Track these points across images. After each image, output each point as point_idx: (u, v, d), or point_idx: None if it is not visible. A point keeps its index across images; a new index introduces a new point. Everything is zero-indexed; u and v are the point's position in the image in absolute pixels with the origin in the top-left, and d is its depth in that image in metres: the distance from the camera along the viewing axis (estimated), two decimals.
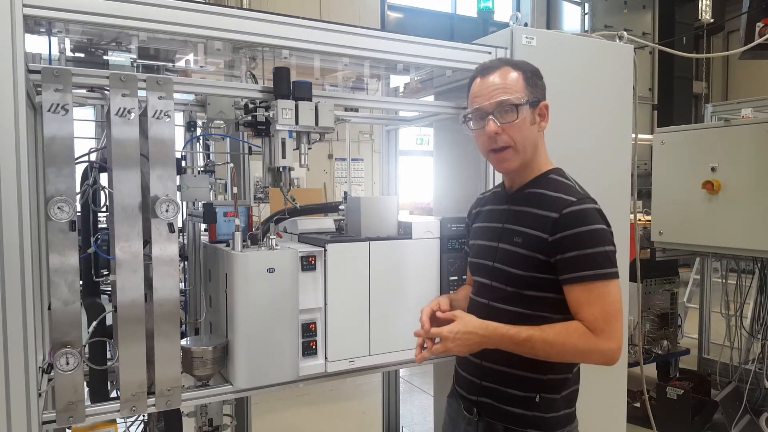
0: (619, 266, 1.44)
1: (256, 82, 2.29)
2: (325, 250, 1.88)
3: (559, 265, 1.40)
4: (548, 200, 1.46)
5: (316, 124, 1.86)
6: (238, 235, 1.80)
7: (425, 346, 1.46)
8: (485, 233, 1.62)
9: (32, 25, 1.62)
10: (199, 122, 2.47)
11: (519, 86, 1.48)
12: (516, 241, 1.48)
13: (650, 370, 4.30)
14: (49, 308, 1.64)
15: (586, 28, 8.79)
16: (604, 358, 1.38)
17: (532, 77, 1.51)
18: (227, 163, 2.50)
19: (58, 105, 1.49)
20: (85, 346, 1.72)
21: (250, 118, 1.88)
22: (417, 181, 8.45)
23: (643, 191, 4.89)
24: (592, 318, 1.36)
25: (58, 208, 1.48)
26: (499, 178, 2.14)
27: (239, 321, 1.77)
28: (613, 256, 1.40)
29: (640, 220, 4.36)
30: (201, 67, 2.25)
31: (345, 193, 2.50)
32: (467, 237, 1.79)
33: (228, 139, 2.56)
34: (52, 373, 1.57)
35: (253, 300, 1.76)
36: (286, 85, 1.84)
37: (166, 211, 1.62)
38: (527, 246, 1.45)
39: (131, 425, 2.29)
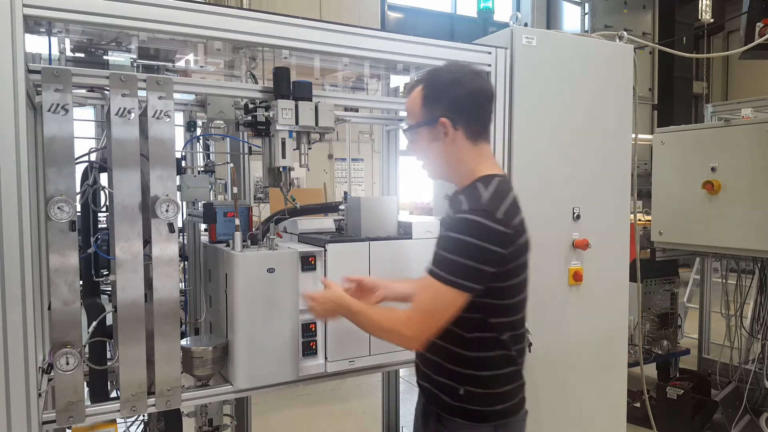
0: (619, 267, 1.44)
1: (256, 82, 2.29)
2: (325, 250, 1.88)
3: None
4: (458, 204, 1.50)
5: (316, 124, 1.86)
6: (238, 235, 1.80)
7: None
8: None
9: (32, 25, 1.62)
10: (199, 122, 2.47)
11: (417, 110, 1.55)
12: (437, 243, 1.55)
13: (650, 370, 4.30)
14: (49, 308, 1.64)
15: (586, 28, 8.79)
16: (400, 339, 1.50)
17: (430, 96, 1.51)
18: (227, 163, 2.50)
19: (58, 105, 1.49)
20: (85, 346, 1.72)
21: (250, 118, 1.88)
22: (417, 181, 8.45)
23: (643, 191, 4.89)
24: (413, 307, 1.47)
25: (58, 208, 1.48)
26: None
27: (239, 321, 1.77)
28: (464, 268, 1.38)
29: (640, 220, 4.36)
30: (201, 67, 2.25)
31: (345, 193, 2.49)
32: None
33: (228, 139, 2.56)
34: (52, 373, 1.57)
35: (253, 300, 1.76)
36: (286, 85, 1.84)
37: (166, 211, 1.62)
38: (436, 246, 1.52)
39: (131, 425, 2.29)
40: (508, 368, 1.55)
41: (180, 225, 1.94)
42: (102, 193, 1.88)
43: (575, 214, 2.28)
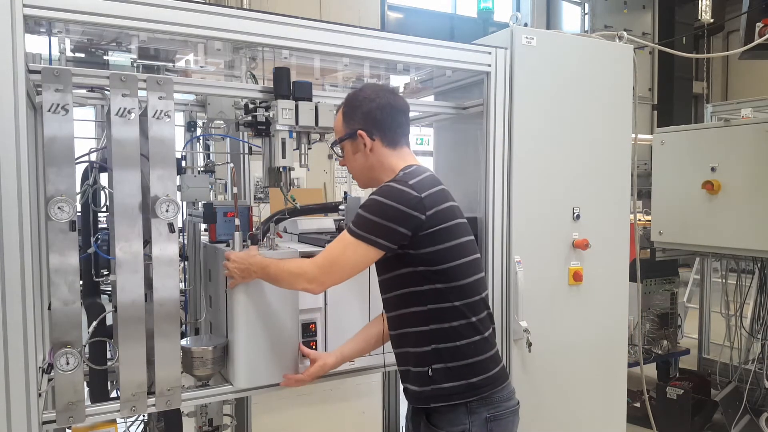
0: (619, 267, 1.44)
1: (256, 82, 2.30)
2: None
3: None
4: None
5: (316, 124, 1.86)
6: (238, 235, 1.80)
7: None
8: None
9: (32, 25, 1.63)
10: (199, 122, 2.47)
11: (338, 126, 1.74)
12: None
13: (650, 370, 4.30)
14: (49, 308, 1.64)
15: (585, 28, 8.79)
16: (304, 281, 1.60)
17: (347, 113, 1.70)
18: (227, 163, 2.50)
19: (58, 105, 1.49)
20: (85, 346, 1.72)
21: (250, 118, 1.88)
22: None
23: (643, 191, 4.89)
24: (322, 255, 1.61)
25: (59, 208, 1.48)
26: (497, 179, 2.14)
27: (239, 321, 1.77)
28: (376, 226, 1.53)
29: (640, 220, 4.36)
30: (201, 67, 2.25)
31: (345, 193, 2.50)
32: None
33: (228, 139, 2.56)
34: (52, 373, 1.57)
35: (253, 300, 1.76)
36: (286, 85, 1.84)
37: (166, 211, 1.62)
38: None
39: (131, 425, 2.29)
40: (472, 337, 1.58)
41: (180, 225, 1.94)
42: (102, 193, 1.88)
43: (575, 214, 2.28)
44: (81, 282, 1.65)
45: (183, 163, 2.12)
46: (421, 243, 1.54)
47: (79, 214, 1.77)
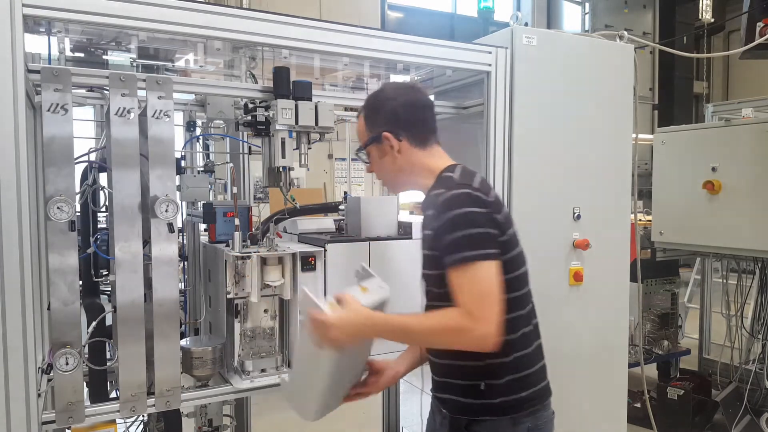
0: (619, 267, 1.43)
1: (256, 82, 2.29)
2: (325, 250, 1.88)
3: (442, 255, 1.43)
4: (432, 198, 1.50)
5: (316, 123, 1.86)
6: (238, 235, 1.80)
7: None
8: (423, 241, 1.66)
9: (32, 24, 1.62)
10: (199, 122, 2.47)
11: (361, 131, 1.64)
12: (426, 244, 1.54)
13: (651, 370, 4.30)
14: (48, 308, 1.63)
15: (586, 28, 8.78)
16: (475, 341, 1.36)
17: (369, 116, 1.61)
18: (227, 162, 2.50)
19: (57, 105, 1.49)
20: (84, 346, 1.72)
21: (249, 117, 1.88)
22: None
23: (643, 191, 4.88)
24: (465, 301, 1.36)
25: (58, 208, 1.48)
26: (498, 179, 2.14)
27: (325, 370, 1.63)
28: (478, 237, 1.38)
29: (640, 220, 4.36)
30: (201, 66, 2.25)
31: (345, 193, 2.50)
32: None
33: (228, 138, 2.56)
34: (51, 374, 1.57)
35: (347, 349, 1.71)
36: (286, 85, 1.84)
37: (166, 211, 1.62)
38: (428, 246, 1.51)
39: (131, 425, 2.29)
40: (524, 351, 1.51)
41: (179, 225, 1.93)
42: (101, 193, 1.88)
43: (575, 214, 2.27)
44: (80, 282, 1.65)
45: (182, 163, 2.12)
46: (501, 246, 1.43)
47: (79, 214, 1.77)
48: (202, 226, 2.28)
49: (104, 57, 2.12)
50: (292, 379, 1.60)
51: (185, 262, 2.32)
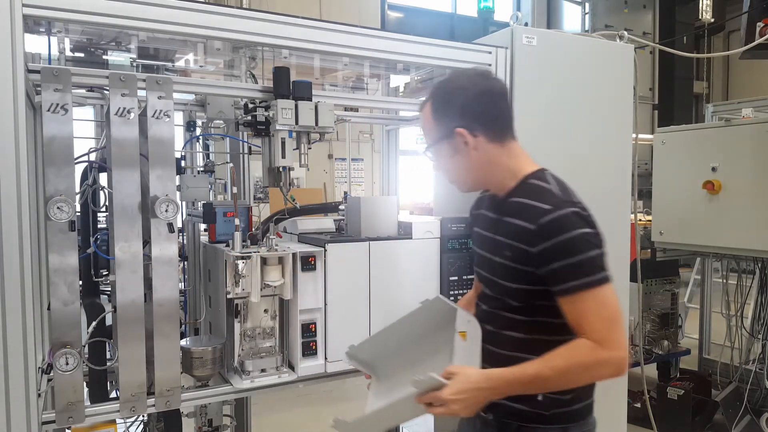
0: (619, 267, 1.42)
1: (256, 82, 2.29)
2: (325, 250, 1.88)
3: (547, 277, 1.35)
4: (526, 209, 1.40)
5: (316, 123, 1.86)
6: (238, 235, 1.80)
7: None
8: (482, 242, 1.57)
9: (32, 24, 1.62)
10: (199, 122, 2.47)
11: (430, 127, 1.48)
12: (506, 254, 1.44)
13: (651, 370, 4.29)
14: (48, 308, 1.63)
15: (586, 28, 8.78)
16: (612, 369, 1.31)
17: (439, 109, 1.45)
18: (227, 162, 2.50)
19: (57, 105, 1.49)
20: (84, 346, 1.72)
21: (249, 117, 1.88)
22: (417, 181, 8.44)
23: (643, 191, 4.88)
24: (595, 329, 1.30)
25: (58, 208, 1.48)
26: None
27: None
28: (600, 259, 1.34)
29: (640, 220, 4.35)
30: (201, 66, 2.25)
31: (345, 193, 2.50)
32: (471, 237, 1.73)
33: (228, 138, 2.56)
34: (51, 374, 1.57)
35: None
36: (286, 85, 1.84)
37: (166, 211, 1.62)
38: (515, 259, 1.41)
39: (131, 425, 2.29)
40: None
41: (179, 225, 1.93)
42: (101, 193, 1.88)
43: None
44: (80, 282, 1.65)
45: (182, 163, 2.12)
46: None
47: (79, 214, 1.77)
48: (202, 226, 2.28)
49: (104, 57, 2.12)
50: (361, 423, 1.54)
51: (185, 262, 2.32)
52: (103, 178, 1.87)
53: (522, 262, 1.39)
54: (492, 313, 1.51)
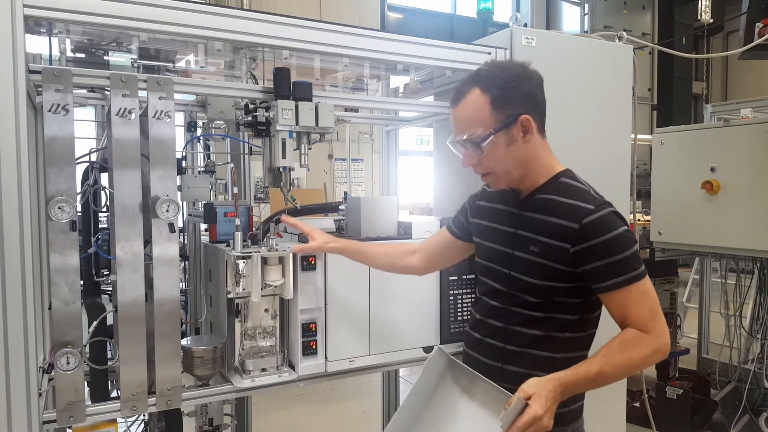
0: None
1: (257, 83, 2.30)
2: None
3: (589, 274, 1.39)
4: (564, 208, 1.42)
5: (316, 124, 1.86)
6: (239, 235, 1.80)
7: None
8: (496, 236, 1.56)
9: (33, 25, 1.62)
10: (200, 122, 2.47)
11: (484, 115, 1.40)
12: (533, 250, 1.44)
13: (650, 369, 4.30)
14: (49, 308, 1.64)
15: (585, 29, 8.80)
16: (660, 355, 1.38)
17: (501, 96, 1.40)
18: (228, 163, 2.51)
19: (58, 105, 1.49)
20: (85, 345, 1.72)
21: (250, 118, 1.88)
22: (417, 181, 8.46)
23: (642, 191, 4.89)
24: (642, 319, 1.37)
25: (59, 208, 1.48)
26: None
27: None
28: (638, 254, 1.40)
29: (639, 220, 4.37)
30: (201, 67, 2.25)
31: (345, 193, 2.50)
32: (459, 215, 1.74)
33: (228, 139, 2.56)
34: (52, 373, 1.57)
35: None
36: (287, 86, 1.84)
37: (167, 211, 1.62)
38: (545, 256, 1.42)
39: (132, 425, 2.29)
40: None
41: (180, 225, 1.94)
42: (102, 193, 1.89)
43: None
44: (81, 282, 1.65)
45: (183, 164, 2.12)
46: None
47: (80, 214, 1.77)
48: (203, 226, 2.29)
49: (105, 58, 2.13)
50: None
51: (186, 262, 2.32)
52: (104, 178, 1.87)
53: (553, 259, 1.41)
54: (503, 309, 1.51)
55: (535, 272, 1.44)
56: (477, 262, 1.66)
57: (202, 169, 2.41)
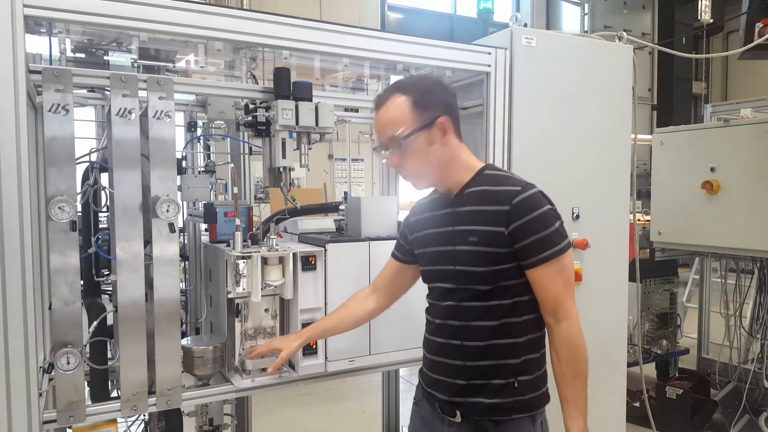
0: (618, 266, 1.46)
1: (257, 83, 2.30)
2: (325, 250, 1.89)
3: (519, 252, 1.46)
4: (494, 195, 1.50)
5: (316, 124, 1.86)
6: (239, 235, 1.81)
7: None
8: (435, 239, 1.60)
9: (33, 25, 1.63)
10: (200, 122, 2.47)
11: (406, 116, 1.49)
12: (471, 240, 1.50)
13: (649, 369, 4.30)
14: (50, 308, 1.64)
15: (585, 29, 8.80)
16: (576, 338, 1.48)
17: (422, 99, 1.50)
18: (228, 163, 2.50)
19: (58, 105, 1.50)
20: (85, 345, 1.72)
21: (250, 118, 1.89)
22: None
23: (642, 191, 4.89)
24: (553, 297, 1.47)
25: (59, 208, 1.48)
26: None
27: None
28: (562, 229, 1.49)
29: (639, 220, 4.37)
30: (201, 67, 2.25)
31: (345, 193, 2.50)
32: (399, 240, 1.78)
33: (228, 139, 2.56)
34: (52, 373, 1.58)
35: None
36: (287, 86, 1.85)
37: (167, 211, 1.63)
38: (484, 242, 1.48)
39: (132, 425, 2.29)
40: (544, 347, 1.56)
41: (180, 225, 1.94)
42: (103, 193, 1.89)
43: (574, 214, 2.28)
44: (81, 282, 1.65)
45: (183, 163, 2.12)
46: None
47: (80, 214, 1.77)
48: (203, 226, 2.29)
49: (105, 57, 2.13)
50: None
51: (186, 262, 2.33)
52: (104, 178, 1.87)
53: (491, 244, 1.47)
54: (457, 307, 1.54)
55: (478, 260, 1.49)
56: (422, 270, 1.67)
57: (202, 169, 2.41)
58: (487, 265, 1.48)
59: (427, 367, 1.66)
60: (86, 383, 1.75)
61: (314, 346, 1.89)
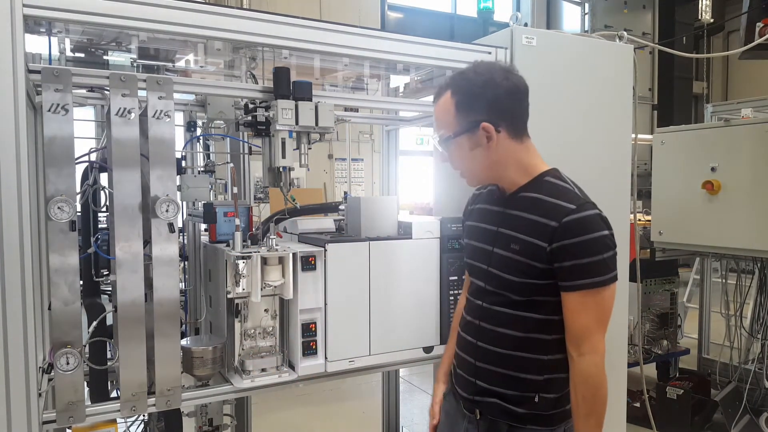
0: (619, 267, 1.44)
1: (256, 82, 2.30)
2: (325, 250, 1.88)
3: (558, 272, 1.40)
4: (546, 206, 1.42)
5: (316, 124, 1.86)
6: (238, 235, 1.80)
7: None
8: (480, 235, 1.58)
9: (32, 25, 1.62)
10: (199, 122, 2.47)
11: (448, 118, 1.46)
12: (513, 247, 1.45)
13: (650, 369, 4.30)
14: (49, 308, 1.64)
15: (586, 28, 8.79)
16: (597, 372, 1.40)
17: (464, 101, 1.44)
18: (227, 163, 2.50)
19: (58, 105, 1.49)
20: (85, 346, 1.72)
21: (250, 118, 1.88)
22: (417, 181, 8.45)
23: (643, 191, 4.89)
24: (581, 327, 1.39)
25: (58, 208, 1.48)
26: None
27: None
28: (611, 260, 1.39)
29: (640, 220, 4.36)
30: (201, 67, 2.25)
31: (345, 193, 2.50)
32: (463, 240, 1.76)
33: (228, 139, 2.56)
34: (52, 373, 1.57)
35: None
36: (286, 85, 1.84)
37: (166, 211, 1.62)
38: (524, 253, 1.43)
39: (131, 425, 2.29)
40: (567, 369, 1.48)
41: (180, 225, 1.94)
42: (102, 193, 1.88)
43: None
44: (81, 282, 1.65)
45: (183, 163, 2.12)
46: None
47: (79, 214, 1.77)
48: (203, 226, 2.28)
49: (105, 57, 2.12)
50: None
51: (186, 262, 2.32)
52: (103, 178, 1.87)
53: (531, 256, 1.41)
54: (489, 310, 1.51)
55: (513, 269, 1.45)
56: (465, 261, 1.67)
57: (202, 169, 2.41)
58: (521, 276, 1.43)
59: (455, 361, 1.65)
60: (86, 383, 1.74)
61: (314, 347, 1.89)
